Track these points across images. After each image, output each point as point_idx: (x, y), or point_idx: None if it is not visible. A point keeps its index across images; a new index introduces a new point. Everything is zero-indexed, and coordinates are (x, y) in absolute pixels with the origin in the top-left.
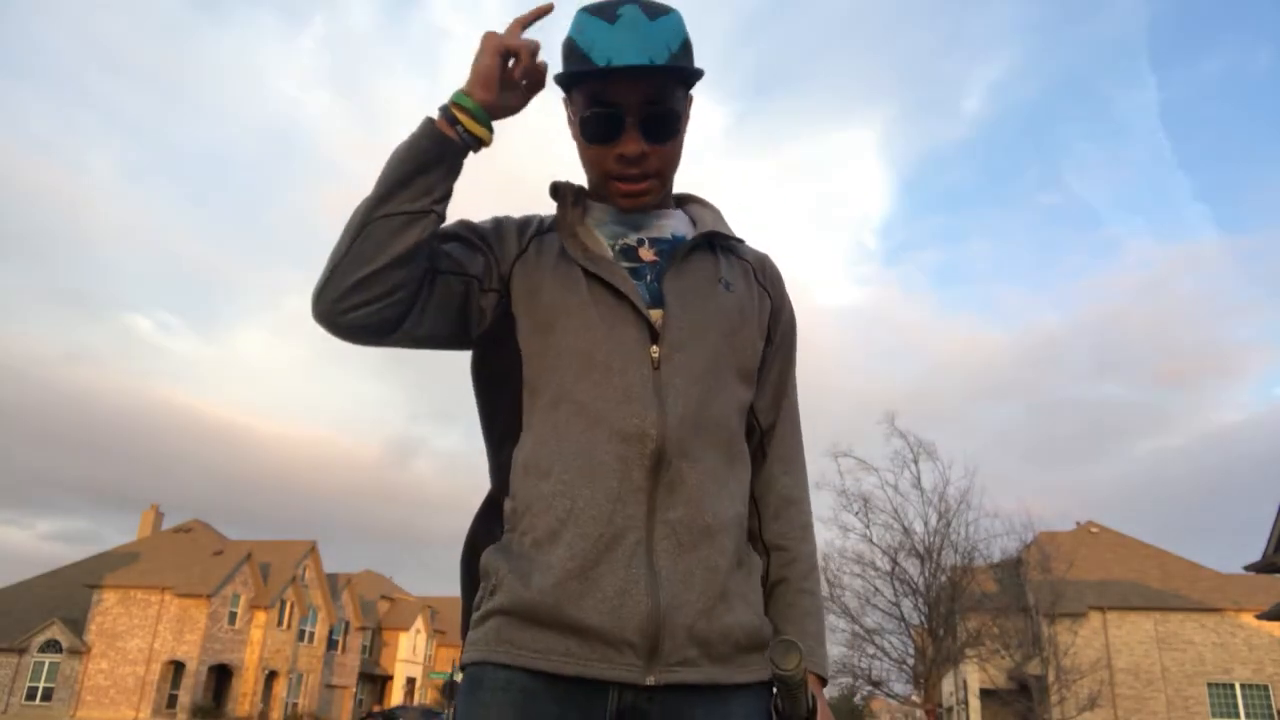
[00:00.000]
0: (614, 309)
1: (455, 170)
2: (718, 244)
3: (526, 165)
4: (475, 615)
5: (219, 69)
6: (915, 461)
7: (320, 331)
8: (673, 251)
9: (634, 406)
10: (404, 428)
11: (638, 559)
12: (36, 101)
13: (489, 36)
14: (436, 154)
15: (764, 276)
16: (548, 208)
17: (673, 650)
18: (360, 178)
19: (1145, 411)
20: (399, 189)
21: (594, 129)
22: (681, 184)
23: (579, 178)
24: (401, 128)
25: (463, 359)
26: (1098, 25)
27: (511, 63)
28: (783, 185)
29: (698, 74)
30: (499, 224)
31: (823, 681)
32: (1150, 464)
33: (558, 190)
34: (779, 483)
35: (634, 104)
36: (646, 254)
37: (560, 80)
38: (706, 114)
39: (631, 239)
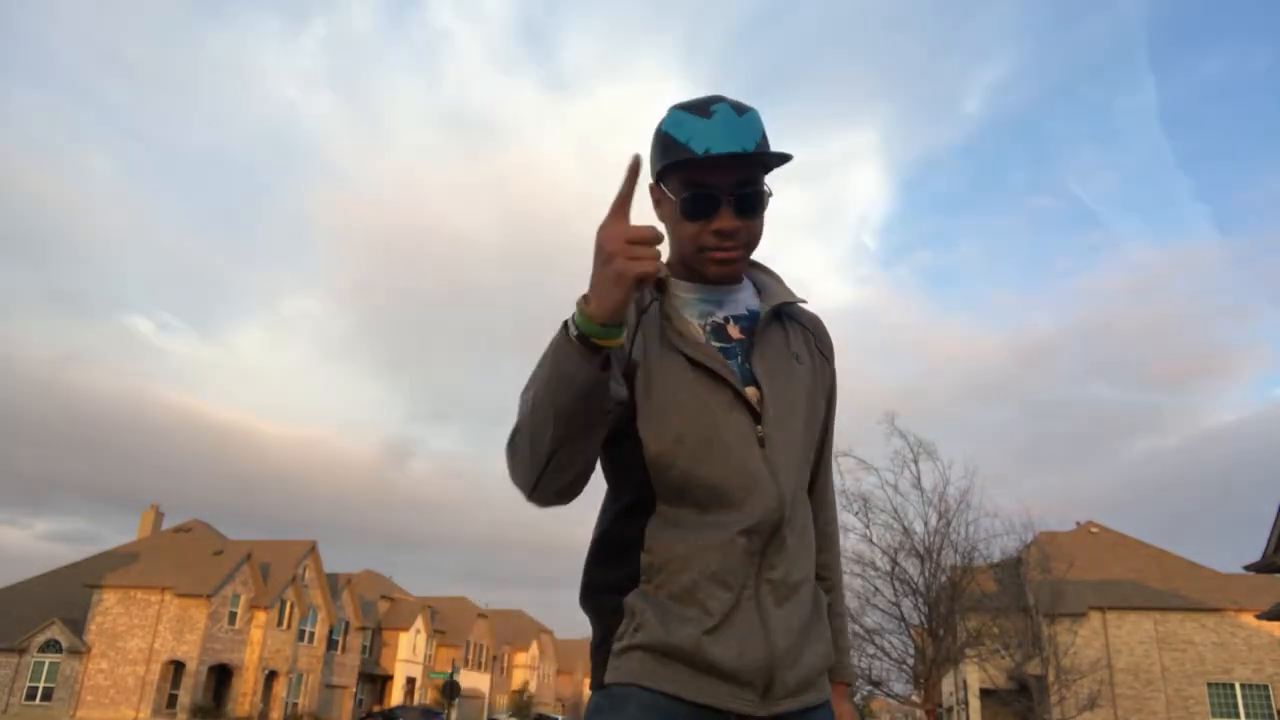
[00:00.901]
0: (718, 393)
1: (610, 376)
2: (783, 313)
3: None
4: (618, 645)
5: (219, 70)
6: (915, 461)
7: (318, 332)
8: (753, 328)
9: (754, 482)
10: (401, 428)
11: (752, 614)
12: (36, 103)
13: (613, 263)
14: (601, 387)
15: (821, 343)
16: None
17: (780, 688)
18: (360, 180)
19: (1142, 412)
20: (579, 418)
21: (693, 207)
22: None
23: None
24: (402, 129)
25: (455, 356)
26: (1097, 27)
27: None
28: (783, 186)
29: (788, 158)
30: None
31: (850, 686)
32: (1145, 465)
33: (659, 282)
34: (819, 519)
35: (727, 185)
36: (734, 332)
37: (659, 169)
38: None
39: (719, 317)
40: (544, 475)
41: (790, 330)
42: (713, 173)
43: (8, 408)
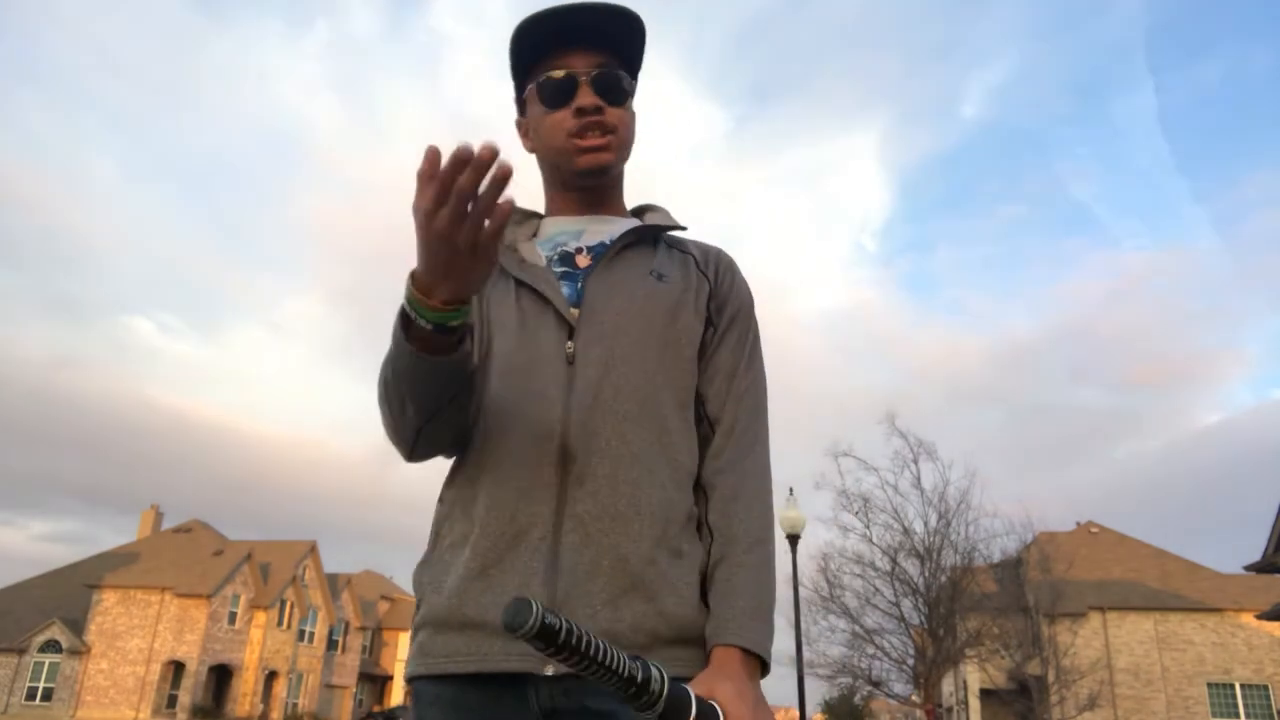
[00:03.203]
0: (538, 314)
1: (470, 357)
2: (660, 239)
3: None
4: (413, 633)
5: (222, 73)
6: (915, 461)
7: (316, 334)
8: (603, 252)
9: (542, 404)
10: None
11: (539, 553)
12: (38, 105)
13: (416, 216)
14: (449, 372)
15: (707, 265)
16: None
17: None
18: (361, 184)
19: (1127, 415)
20: (426, 405)
21: (551, 92)
22: (683, 190)
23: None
24: (402, 133)
25: None
26: (1096, 30)
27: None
28: (782, 189)
29: (631, 17)
30: None
31: (760, 660)
32: (1136, 466)
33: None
34: (728, 471)
35: (584, 68)
36: (582, 260)
37: (516, 62)
38: (705, 119)
39: (570, 246)
40: (416, 447)
41: (663, 255)
42: (567, 57)
43: (7, 409)
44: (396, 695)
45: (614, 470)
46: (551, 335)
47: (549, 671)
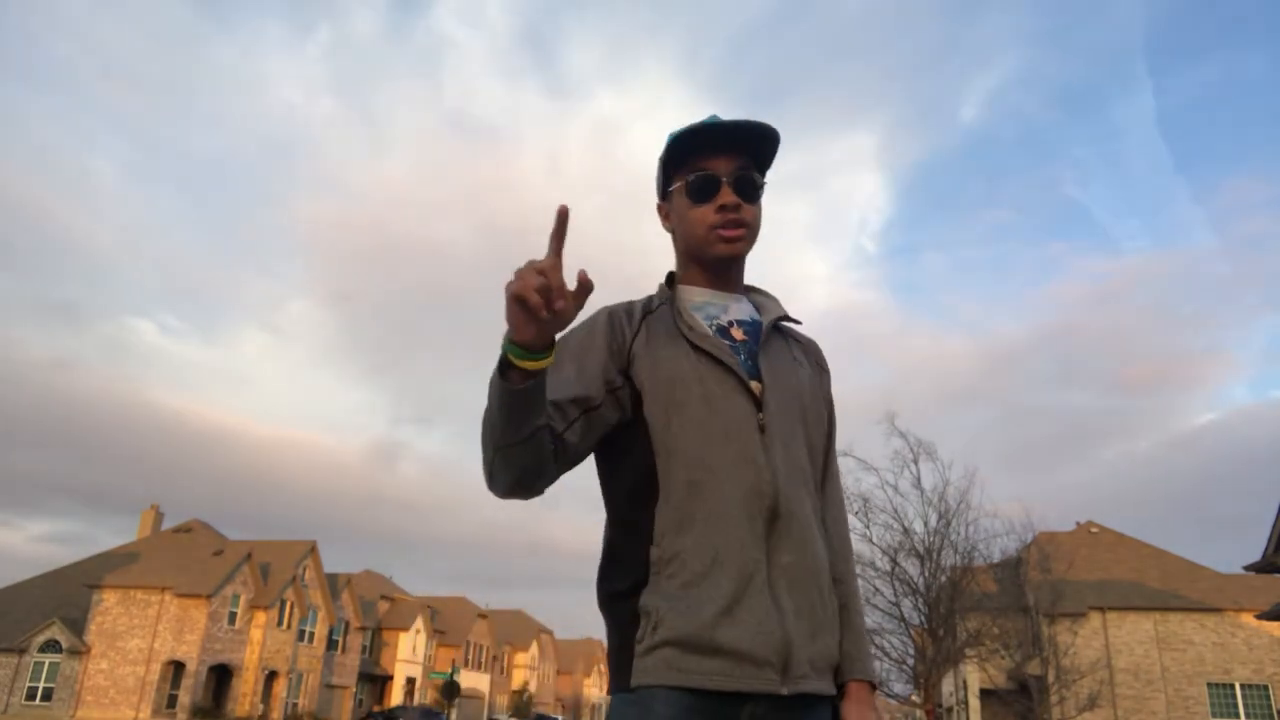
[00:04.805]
0: (723, 382)
1: (541, 396)
2: (781, 328)
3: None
4: (640, 647)
5: (223, 76)
6: (915, 461)
7: (314, 336)
8: (757, 332)
9: (751, 468)
10: (390, 431)
11: (765, 596)
12: (41, 108)
13: (508, 286)
14: (520, 401)
15: (820, 359)
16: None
17: (796, 668)
18: (361, 186)
19: (1138, 415)
20: (505, 430)
21: (697, 189)
22: None
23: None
24: (403, 135)
25: (434, 363)
26: (1094, 34)
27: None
28: (781, 191)
29: (774, 135)
30: (611, 322)
31: (873, 686)
32: (1135, 466)
33: (669, 277)
34: (834, 528)
35: (726, 170)
36: (737, 334)
37: (668, 161)
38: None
39: (722, 320)
40: (492, 480)
41: (790, 343)
42: (712, 160)
43: (8, 410)
44: (396, 695)
45: (801, 530)
46: (743, 405)
47: (785, 691)
